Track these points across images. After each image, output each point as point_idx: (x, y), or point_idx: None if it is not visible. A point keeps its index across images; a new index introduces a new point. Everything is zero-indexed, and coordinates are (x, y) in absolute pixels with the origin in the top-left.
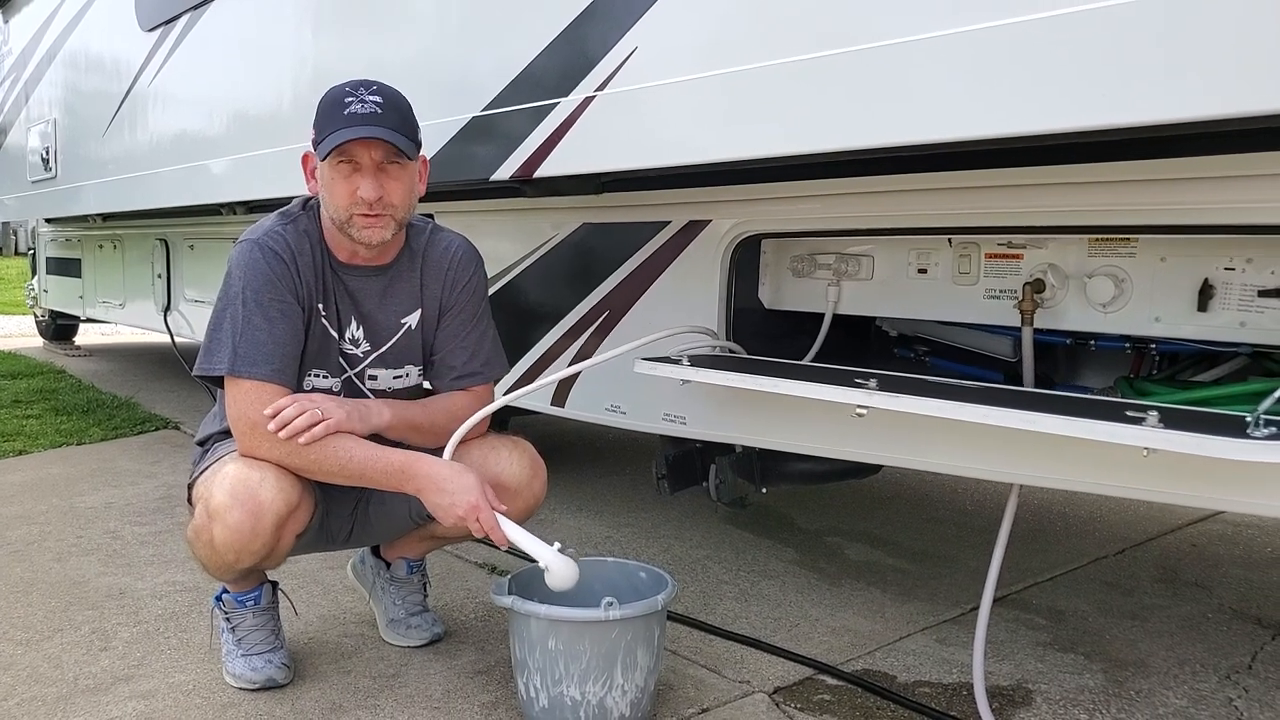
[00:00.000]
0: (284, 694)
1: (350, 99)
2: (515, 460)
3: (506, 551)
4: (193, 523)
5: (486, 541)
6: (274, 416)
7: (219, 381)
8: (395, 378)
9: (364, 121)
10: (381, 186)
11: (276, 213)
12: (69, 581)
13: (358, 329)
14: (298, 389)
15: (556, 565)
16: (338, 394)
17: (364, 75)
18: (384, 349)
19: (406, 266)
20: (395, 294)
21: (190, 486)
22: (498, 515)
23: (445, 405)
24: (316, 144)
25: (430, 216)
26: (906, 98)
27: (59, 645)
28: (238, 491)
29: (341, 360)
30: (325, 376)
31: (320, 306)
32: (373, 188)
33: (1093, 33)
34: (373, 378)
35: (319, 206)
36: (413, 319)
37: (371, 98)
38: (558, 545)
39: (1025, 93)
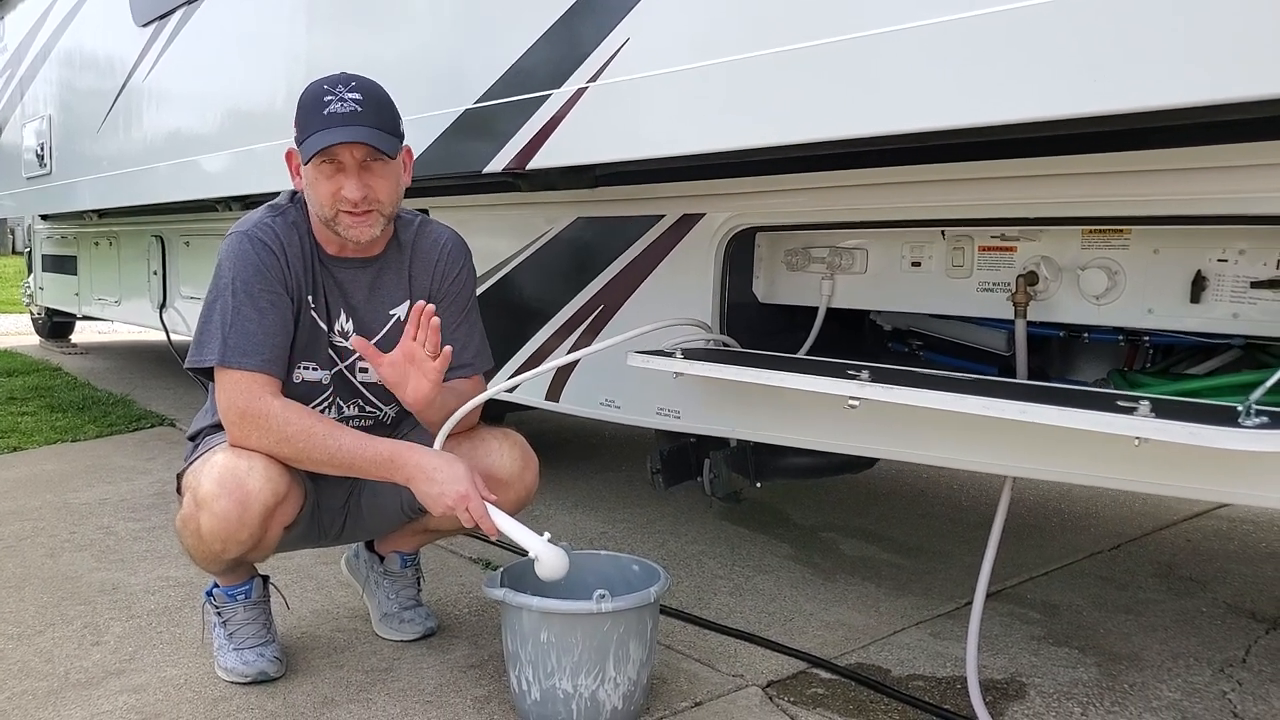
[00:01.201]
0: (275, 687)
1: (329, 97)
2: (507, 452)
3: (497, 543)
4: (180, 512)
5: (477, 532)
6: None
7: (210, 374)
8: None
9: (344, 122)
10: (366, 185)
11: (265, 205)
12: (61, 576)
13: (347, 321)
14: (287, 380)
15: (546, 555)
16: (328, 386)
17: (358, 68)
18: (373, 341)
19: (395, 258)
20: (383, 286)
21: (180, 476)
22: (487, 505)
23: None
24: (299, 142)
25: (425, 212)
26: (903, 84)
27: (50, 640)
28: (225, 480)
29: (332, 352)
30: (315, 369)
31: (309, 298)
32: (356, 188)
33: (1091, 17)
34: (364, 370)
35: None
36: (401, 310)
37: (351, 95)
38: (547, 535)
39: (1018, 78)
